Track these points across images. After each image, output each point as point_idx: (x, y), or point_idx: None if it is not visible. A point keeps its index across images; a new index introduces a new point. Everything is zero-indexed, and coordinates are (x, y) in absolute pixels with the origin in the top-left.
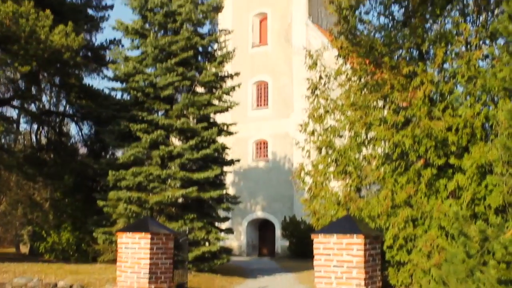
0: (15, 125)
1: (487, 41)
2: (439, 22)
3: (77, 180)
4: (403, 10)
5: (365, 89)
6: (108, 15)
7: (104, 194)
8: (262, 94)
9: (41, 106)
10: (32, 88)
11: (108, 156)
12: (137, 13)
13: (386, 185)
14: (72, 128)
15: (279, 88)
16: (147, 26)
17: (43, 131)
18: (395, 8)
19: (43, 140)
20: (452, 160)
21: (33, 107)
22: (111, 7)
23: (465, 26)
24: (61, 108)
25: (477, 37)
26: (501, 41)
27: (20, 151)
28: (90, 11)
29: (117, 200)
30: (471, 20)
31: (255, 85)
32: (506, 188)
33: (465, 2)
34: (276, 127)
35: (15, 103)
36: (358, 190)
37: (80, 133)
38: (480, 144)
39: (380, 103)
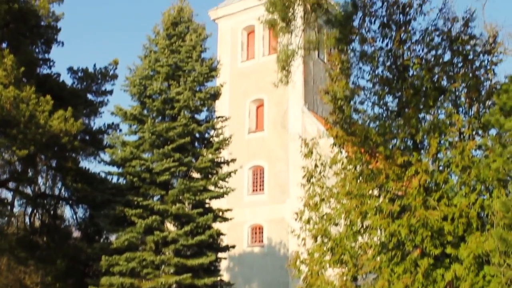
0: (9, 207)
1: (480, 132)
2: (432, 113)
3: (69, 264)
4: (397, 100)
5: (360, 178)
6: (108, 100)
7: (96, 280)
8: (258, 179)
9: (36, 188)
10: (29, 171)
11: (102, 241)
12: (136, 100)
13: (382, 275)
14: (67, 211)
15: (275, 174)
16: (145, 112)
17: (37, 213)
18: (389, 98)
19: (37, 223)
20: (448, 250)
21: (28, 190)
22: (111, 92)
23: (457, 117)
24: (56, 191)
25: (470, 128)
26: (493, 132)
27: (13, 233)
28: (90, 96)
29: (110, 286)
30: (464, 111)
31: (251, 170)
32: (504, 279)
33: (457, 93)
34: (271, 212)
35: (10, 185)
36: (355, 279)
37: (74, 217)
38: (476, 234)
39: (376, 192)
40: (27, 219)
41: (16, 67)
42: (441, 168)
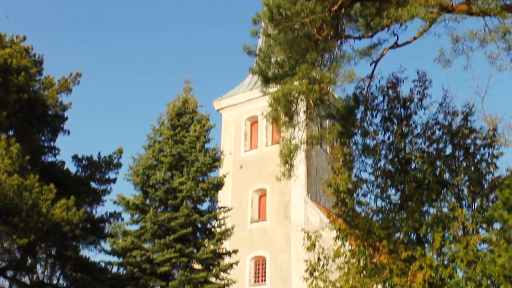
0: None
1: (484, 226)
2: (435, 206)
3: None
4: (399, 193)
5: (364, 272)
6: (111, 188)
7: None
8: (260, 270)
9: (34, 277)
10: (28, 259)
11: None
12: (138, 189)
13: None
14: None
15: (277, 265)
16: (147, 201)
17: None
18: (391, 191)
19: None
20: None
21: (26, 278)
22: (114, 180)
23: (461, 211)
24: (55, 280)
25: (473, 222)
26: (497, 226)
27: None
28: (93, 184)
29: None
30: (467, 205)
31: (252, 260)
32: None
33: (459, 187)
34: None
35: (8, 273)
36: None
37: None
38: None
39: (380, 287)
40: None
41: (21, 155)
42: (445, 262)
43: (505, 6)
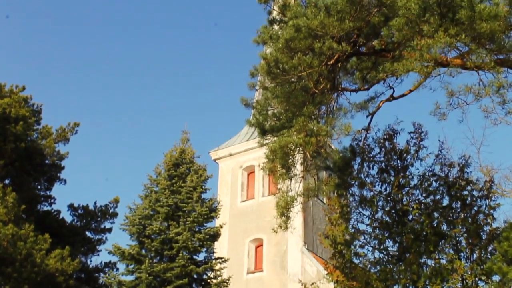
0: None
1: (483, 278)
2: (433, 258)
3: None
4: (397, 245)
5: None
6: (106, 238)
7: None
8: None
9: None
10: None
11: None
12: (134, 239)
13: None
14: None
15: None
16: (143, 251)
17: None
18: (389, 243)
19: None
20: None
21: None
22: (110, 230)
23: (459, 263)
24: None
25: (472, 274)
26: (496, 278)
27: None
28: (88, 234)
29: None
30: (465, 256)
31: None
32: None
33: (457, 238)
34: None
35: None
36: None
37: None
38: None
39: None
40: None
41: (17, 204)
42: None
43: (498, 61)
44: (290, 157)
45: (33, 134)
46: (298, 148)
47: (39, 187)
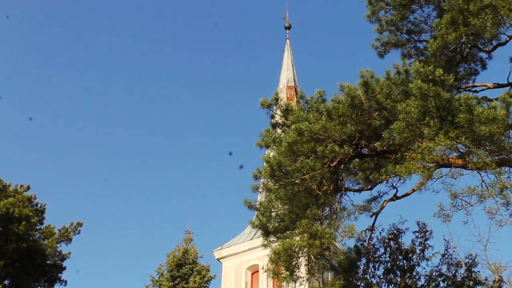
0: None
1: None
2: None
3: None
4: None
5: None
6: None
7: None
8: None
9: None
10: None
11: None
12: None
13: None
14: None
15: None
16: None
17: None
18: None
19: None
20: None
21: None
22: None
23: None
24: None
25: None
26: None
27: None
28: None
29: None
30: None
31: None
32: None
33: None
34: None
35: None
36: None
37: None
38: None
39: None
40: None
41: None
42: None
43: (499, 161)
44: (294, 259)
45: (36, 234)
46: (302, 250)
47: (38, 287)
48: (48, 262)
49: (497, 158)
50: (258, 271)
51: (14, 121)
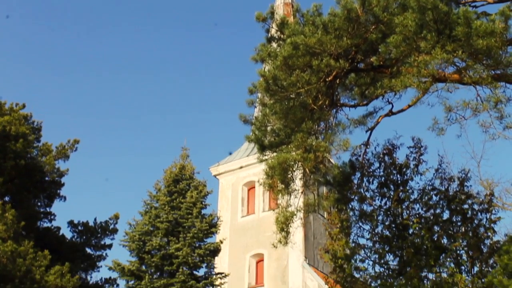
0: None
1: None
2: (434, 272)
3: None
4: (397, 259)
5: None
6: (106, 254)
7: None
8: None
9: None
10: None
11: None
12: (134, 255)
13: None
14: None
15: None
16: (143, 267)
17: None
18: (389, 257)
19: None
20: None
21: None
22: (110, 246)
23: (460, 276)
24: None
25: None
26: None
27: None
28: (88, 250)
29: None
30: (466, 270)
31: None
32: None
33: (458, 252)
34: None
35: None
36: None
37: None
38: None
39: None
40: None
41: (16, 221)
42: None
43: (495, 76)
44: (289, 173)
45: (33, 152)
46: (296, 164)
47: (39, 204)
48: (46, 178)
49: (493, 72)
50: (254, 187)
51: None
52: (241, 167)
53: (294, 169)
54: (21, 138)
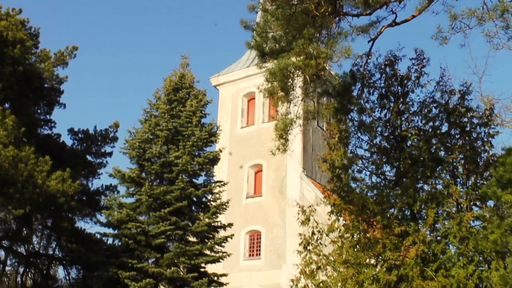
0: (1, 266)
1: (478, 203)
2: (430, 183)
3: None
4: (394, 170)
5: (357, 247)
6: (106, 161)
7: None
8: (254, 244)
9: (30, 247)
10: (23, 230)
11: None
12: (134, 162)
13: None
14: (60, 272)
15: (272, 239)
16: (143, 175)
17: (29, 273)
18: (386, 168)
19: (29, 282)
20: None
21: (22, 249)
22: (110, 154)
23: (455, 188)
24: (50, 251)
25: (467, 199)
26: (491, 203)
27: None
28: (89, 157)
29: None
30: (461, 182)
31: (248, 234)
32: None
33: (454, 164)
34: (267, 278)
35: (4, 243)
36: None
37: (67, 277)
38: None
39: (373, 261)
40: (18, 278)
41: (17, 127)
42: (438, 238)
43: None
44: (289, 80)
45: (31, 58)
46: (297, 71)
47: (38, 111)
48: (45, 85)
49: None
50: (254, 99)
51: None
52: (241, 78)
53: (294, 76)
54: (19, 44)
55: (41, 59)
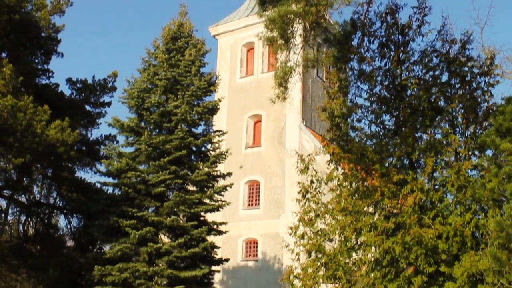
0: (3, 215)
1: (476, 152)
2: (429, 132)
3: (62, 273)
4: (394, 119)
5: (356, 195)
6: (105, 111)
7: None
8: (253, 194)
9: (31, 197)
10: (24, 179)
11: (95, 251)
12: (133, 112)
13: None
14: (61, 221)
15: (271, 189)
16: (142, 124)
17: (31, 222)
18: (386, 117)
19: (31, 231)
20: (442, 268)
21: (23, 198)
22: (109, 104)
23: (454, 137)
24: (51, 200)
25: (466, 148)
26: (489, 152)
27: (6, 241)
28: (87, 107)
29: None
30: (460, 131)
31: (247, 184)
32: None
33: (454, 114)
34: (266, 227)
35: (5, 193)
36: None
37: (68, 226)
38: (470, 253)
39: (371, 209)
40: (20, 227)
41: (14, 76)
42: (436, 187)
43: None
44: (289, 27)
45: (27, 6)
46: (297, 18)
47: (36, 60)
48: (42, 34)
49: None
50: (253, 49)
51: None
52: (240, 28)
53: (294, 23)
54: None
55: (37, 7)
